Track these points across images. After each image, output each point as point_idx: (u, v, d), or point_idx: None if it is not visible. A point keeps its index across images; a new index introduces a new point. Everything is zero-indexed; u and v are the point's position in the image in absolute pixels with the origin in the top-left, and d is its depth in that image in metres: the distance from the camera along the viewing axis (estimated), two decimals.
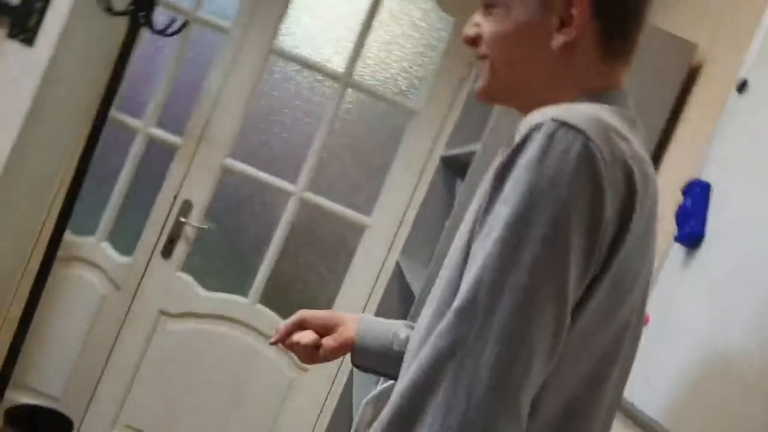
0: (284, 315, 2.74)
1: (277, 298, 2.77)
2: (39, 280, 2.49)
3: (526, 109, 0.88)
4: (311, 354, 1.10)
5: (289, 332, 1.10)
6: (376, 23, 2.69)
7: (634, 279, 0.79)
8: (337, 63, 2.72)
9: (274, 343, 1.11)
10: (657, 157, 1.51)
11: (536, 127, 0.72)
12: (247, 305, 2.74)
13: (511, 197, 0.71)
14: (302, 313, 1.12)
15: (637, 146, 0.78)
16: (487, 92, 0.90)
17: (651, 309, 1.23)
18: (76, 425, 2.67)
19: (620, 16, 0.84)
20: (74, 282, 2.76)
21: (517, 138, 0.74)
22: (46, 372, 2.76)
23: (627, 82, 0.89)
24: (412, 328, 1.14)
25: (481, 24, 0.89)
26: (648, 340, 1.13)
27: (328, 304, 2.75)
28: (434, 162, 2.64)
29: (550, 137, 0.71)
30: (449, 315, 0.71)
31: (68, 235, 2.71)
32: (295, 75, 2.76)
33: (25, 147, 2.40)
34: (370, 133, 2.78)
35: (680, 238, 1.18)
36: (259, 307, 2.75)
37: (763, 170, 1.09)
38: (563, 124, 0.71)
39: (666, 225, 1.25)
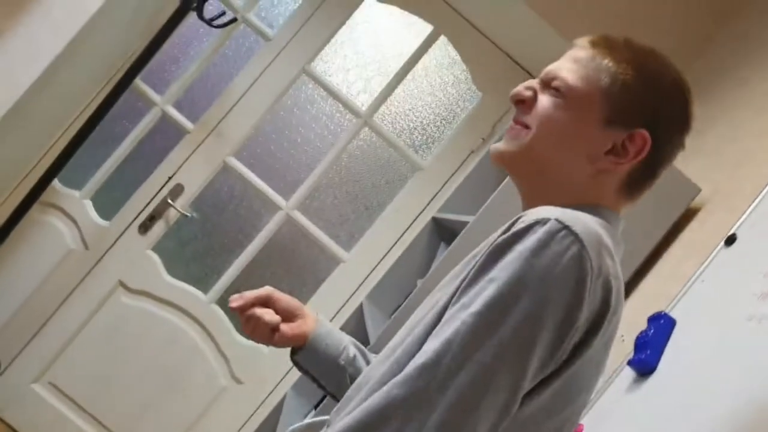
0: (237, 322, 2.73)
1: None
2: (15, 214, 2.49)
3: (531, 192, 0.92)
4: (264, 332, 1.08)
5: (252, 304, 1.07)
6: (410, 76, 2.77)
7: (579, 391, 0.83)
8: (362, 101, 2.78)
9: (234, 309, 1.07)
10: (634, 279, 1.57)
11: (540, 222, 0.77)
12: (204, 302, 2.74)
13: (499, 279, 0.75)
14: (270, 291, 1.09)
15: (618, 266, 0.84)
16: (511, 158, 0.91)
17: (586, 420, 1.27)
18: (1, 367, 2.63)
19: (654, 168, 0.90)
20: (47, 228, 2.76)
21: (520, 225, 0.78)
22: None
23: None
24: (360, 350, 1.15)
25: (538, 94, 0.91)
26: None
27: None
28: (424, 220, 2.68)
29: (551, 236, 0.75)
30: (410, 367, 0.75)
31: (56, 182, 2.71)
32: (320, 100, 2.82)
33: (46, 84, 2.42)
34: (373, 175, 2.83)
35: (633, 363, 1.22)
36: (215, 307, 2.75)
37: (732, 326, 1.14)
38: (565, 227, 0.76)
39: (625, 346, 1.30)
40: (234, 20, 2.51)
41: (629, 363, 1.22)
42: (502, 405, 0.74)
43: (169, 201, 2.73)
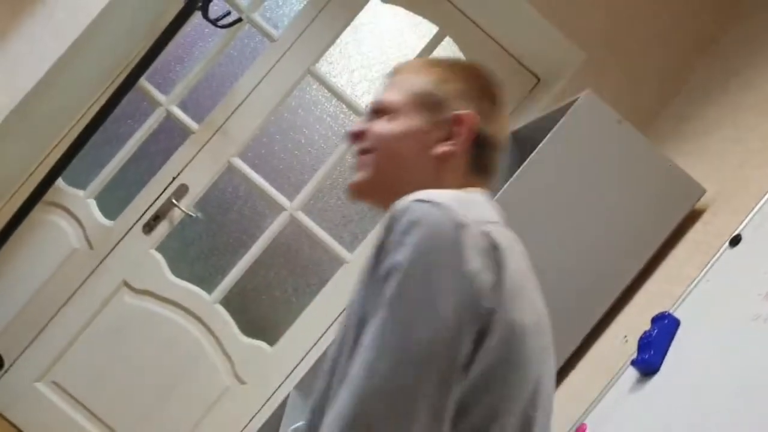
0: (240, 322, 2.75)
1: (238, 304, 2.78)
2: (19, 213, 2.50)
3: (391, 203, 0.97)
4: None
5: None
6: None
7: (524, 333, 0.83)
8: (366, 101, 2.78)
9: None
10: (638, 279, 1.57)
11: (403, 211, 0.82)
12: (208, 302, 2.74)
13: (389, 278, 0.79)
14: None
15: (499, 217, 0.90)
16: (365, 185, 1.01)
17: (589, 419, 1.26)
18: (5, 365, 2.64)
19: (489, 144, 1.02)
20: (51, 227, 2.76)
21: (387, 221, 0.83)
22: None
23: (629, 204, 0.95)
24: None
25: (371, 124, 1.02)
26: None
27: (285, 326, 2.75)
28: None
29: (417, 219, 0.80)
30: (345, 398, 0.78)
31: (60, 182, 2.71)
32: (324, 101, 2.83)
33: (49, 85, 2.43)
34: None
35: (636, 364, 1.22)
36: (218, 307, 2.75)
37: (736, 326, 1.13)
38: (425, 201, 0.82)
39: (629, 346, 1.29)
40: (239, 20, 2.51)
41: (633, 363, 1.22)
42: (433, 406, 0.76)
43: (174, 201, 2.74)
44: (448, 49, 2.78)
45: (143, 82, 2.73)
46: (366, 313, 0.81)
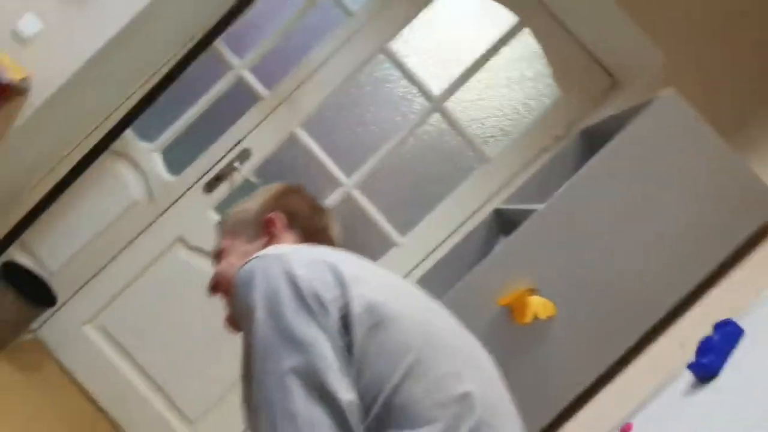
0: None
1: None
2: (86, 158, 2.57)
3: None
4: None
5: None
6: (488, 65, 2.74)
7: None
8: (436, 85, 2.76)
9: None
10: (702, 287, 1.52)
11: (240, 275, 1.04)
12: None
13: (251, 319, 0.98)
14: None
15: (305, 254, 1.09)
16: (233, 318, 1.30)
17: (637, 420, 1.23)
18: (57, 304, 2.72)
19: (305, 223, 1.36)
20: (115, 175, 2.83)
21: (234, 288, 1.05)
22: (54, 246, 2.82)
23: (700, 209, 0.92)
24: None
25: (217, 268, 1.37)
26: None
27: None
28: (485, 212, 2.65)
29: (249, 271, 1.03)
30: None
31: (128, 132, 2.78)
32: (393, 80, 2.82)
33: (130, 35, 2.48)
34: (437, 162, 2.81)
35: (694, 367, 1.18)
36: None
37: None
38: (250, 260, 1.04)
39: (685, 352, 1.25)
40: None
41: (689, 367, 1.18)
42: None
43: (236, 165, 2.77)
44: (523, 42, 2.74)
45: (219, 43, 2.77)
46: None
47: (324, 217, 1.40)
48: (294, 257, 1.01)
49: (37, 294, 2.56)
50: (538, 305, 1.55)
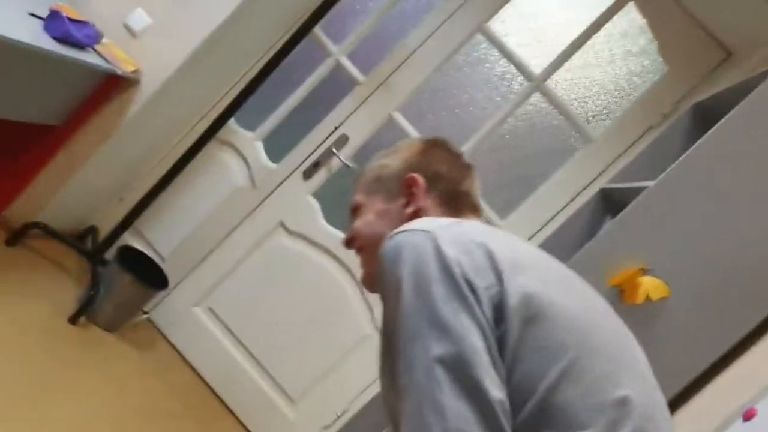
0: None
1: None
2: (193, 148, 2.66)
3: None
4: None
5: None
6: (590, 42, 2.64)
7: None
8: (536, 64, 2.70)
9: None
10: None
11: (386, 246, 0.95)
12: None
13: (398, 294, 0.90)
14: None
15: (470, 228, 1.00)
16: (369, 278, 1.19)
17: (762, 406, 1.16)
18: (169, 287, 2.84)
19: (449, 186, 1.22)
20: (220, 163, 2.93)
21: (379, 258, 0.96)
22: (164, 231, 2.95)
23: None
24: None
25: (354, 224, 1.22)
26: None
27: None
28: (589, 194, 2.57)
29: (399, 244, 0.94)
30: None
31: (231, 121, 2.87)
32: (492, 60, 2.77)
33: (233, 25, 2.55)
34: (538, 142, 2.75)
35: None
36: None
37: None
38: (401, 231, 0.95)
39: None
40: None
41: None
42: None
43: (334, 150, 2.80)
44: (630, 17, 2.63)
45: (318, 31, 2.81)
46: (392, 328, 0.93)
47: (468, 179, 1.27)
48: (444, 235, 0.94)
49: (150, 277, 2.69)
50: (651, 286, 1.48)
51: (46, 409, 1.97)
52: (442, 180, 1.22)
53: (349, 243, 1.23)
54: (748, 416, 1.13)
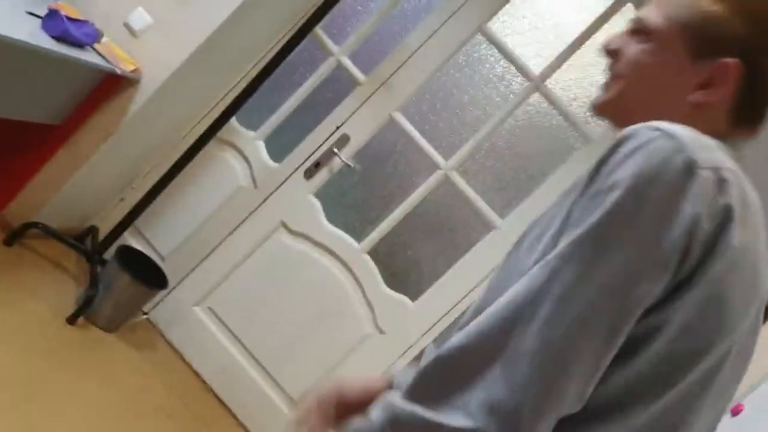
0: (385, 274, 2.78)
1: (385, 257, 2.82)
2: (193, 147, 2.67)
3: None
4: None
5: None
6: (590, 42, 2.64)
7: (697, 352, 0.73)
8: (536, 64, 2.69)
9: None
10: None
11: (633, 133, 0.74)
12: (357, 251, 2.80)
13: (609, 189, 0.71)
14: (336, 390, 1.02)
15: (745, 184, 0.77)
16: (608, 109, 0.92)
17: (748, 401, 1.15)
18: (168, 287, 2.85)
19: (761, 95, 0.86)
20: (221, 163, 2.93)
21: (615, 140, 0.74)
22: (164, 231, 2.96)
23: None
24: None
25: (628, 43, 0.90)
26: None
27: (428, 284, 2.75)
28: None
29: (647, 142, 0.72)
30: (506, 297, 0.73)
31: (233, 121, 2.87)
32: (492, 60, 2.77)
33: (234, 25, 2.56)
34: (538, 142, 2.75)
35: None
36: (366, 257, 2.80)
37: None
38: (659, 130, 0.73)
39: None
40: None
41: None
42: (599, 349, 0.69)
43: (335, 150, 2.81)
44: (626, 17, 2.62)
45: (319, 31, 2.81)
46: (564, 227, 0.75)
47: None
48: (702, 178, 0.71)
49: (150, 277, 2.69)
50: None
51: (44, 409, 1.98)
52: (765, 80, 0.85)
53: (612, 54, 0.92)
54: (735, 412, 1.12)
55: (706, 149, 0.74)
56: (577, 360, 0.68)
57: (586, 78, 2.69)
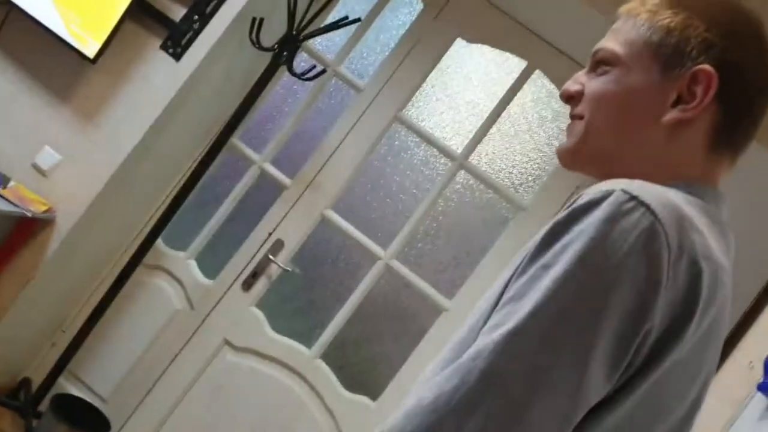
0: (341, 377, 2.67)
1: (339, 358, 2.71)
2: (120, 278, 2.57)
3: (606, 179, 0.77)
4: None
5: None
6: (505, 113, 2.68)
7: (665, 410, 0.68)
8: (457, 143, 2.71)
9: None
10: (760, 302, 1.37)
11: (603, 196, 0.65)
12: (308, 358, 2.69)
13: (555, 265, 0.63)
14: None
15: (715, 248, 0.68)
16: (573, 155, 0.83)
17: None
18: (114, 430, 2.67)
19: (741, 105, 0.77)
20: (153, 290, 2.83)
21: (578, 202, 0.66)
22: (101, 371, 2.80)
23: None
24: None
25: (588, 81, 0.83)
26: None
27: (387, 379, 2.64)
28: None
29: (616, 208, 0.63)
30: (452, 367, 0.63)
31: (160, 245, 2.79)
32: (413, 146, 2.78)
33: (146, 149, 2.52)
34: (472, 219, 2.73)
35: (763, 388, 1.03)
36: (319, 362, 2.69)
37: None
38: (633, 199, 0.63)
39: (754, 373, 1.11)
40: (323, 71, 2.53)
41: (759, 388, 1.03)
42: (560, 415, 0.61)
43: (271, 257, 2.74)
44: (538, 83, 2.68)
45: (237, 141, 2.80)
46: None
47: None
48: (699, 244, 0.64)
49: (91, 422, 2.53)
50: None
51: None
52: (743, 93, 0.77)
53: (569, 98, 0.84)
54: None
55: (683, 225, 0.65)
56: None
57: (508, 148, 2.71)
